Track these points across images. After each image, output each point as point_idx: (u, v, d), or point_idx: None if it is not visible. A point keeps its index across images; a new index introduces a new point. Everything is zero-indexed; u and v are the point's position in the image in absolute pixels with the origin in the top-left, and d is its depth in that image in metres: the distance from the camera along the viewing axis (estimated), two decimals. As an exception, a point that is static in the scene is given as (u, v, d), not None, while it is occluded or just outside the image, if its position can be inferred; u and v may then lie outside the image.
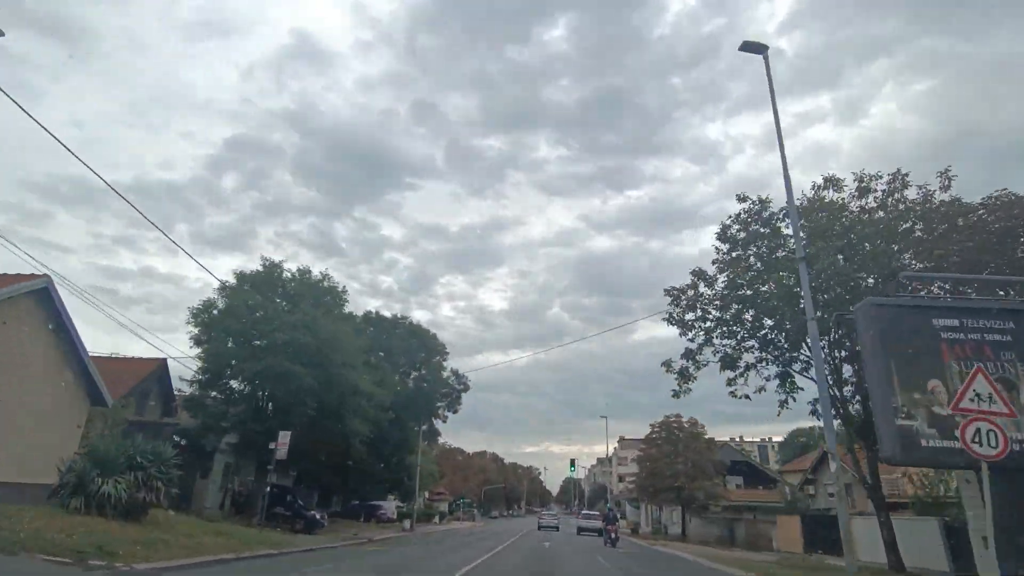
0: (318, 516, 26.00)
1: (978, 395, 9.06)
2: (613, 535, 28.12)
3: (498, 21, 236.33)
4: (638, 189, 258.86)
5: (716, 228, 20.42)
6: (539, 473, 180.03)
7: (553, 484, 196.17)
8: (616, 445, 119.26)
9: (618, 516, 36.04)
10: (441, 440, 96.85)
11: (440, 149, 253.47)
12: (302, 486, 36.47)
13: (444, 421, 44.05)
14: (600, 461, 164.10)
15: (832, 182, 18.70)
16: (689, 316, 20.96)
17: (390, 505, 48.11)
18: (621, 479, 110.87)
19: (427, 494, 73.19)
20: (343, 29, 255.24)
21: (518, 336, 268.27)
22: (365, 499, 47.77)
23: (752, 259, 19.98)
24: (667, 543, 33.51)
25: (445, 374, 42.19)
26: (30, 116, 10.18)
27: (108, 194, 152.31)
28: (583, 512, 62.89)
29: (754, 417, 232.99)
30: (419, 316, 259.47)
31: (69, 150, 10.99)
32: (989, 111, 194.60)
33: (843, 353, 18.73)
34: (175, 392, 27.78)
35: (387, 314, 39.38)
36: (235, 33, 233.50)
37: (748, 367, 20.18)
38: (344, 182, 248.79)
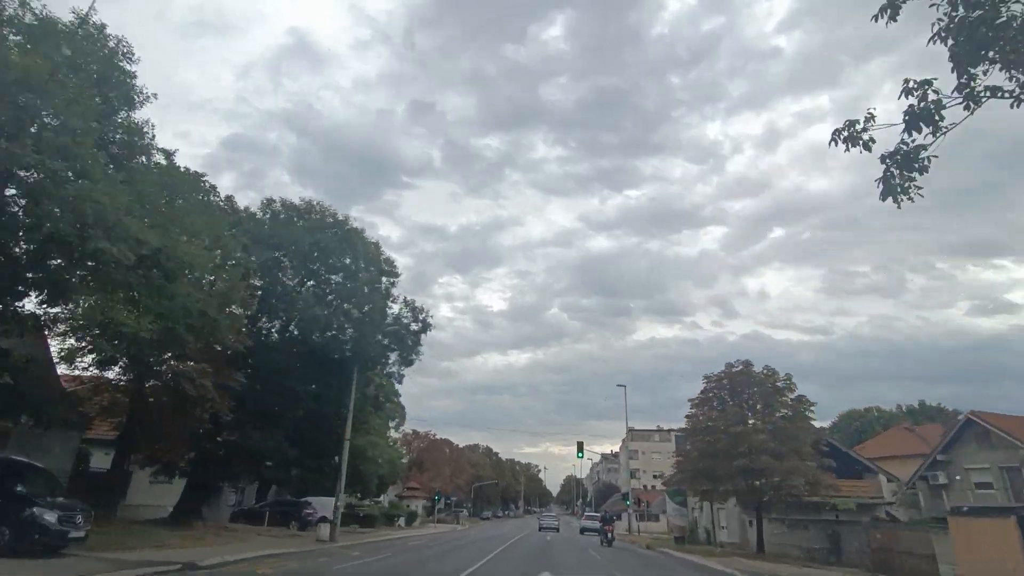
0: (54, 520, 12.09)
1: None
2: (609, 535, 30.30)
3: (495, 20, 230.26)
4: (637, 189, 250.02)
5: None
6: (538, 471, 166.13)
7: (553, 485, 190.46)
8: (626, 435, 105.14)
9: (614, 518, 38.76)
10: (427, 431, 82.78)
11: (437, 148, 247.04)
12: (150, 470, 22.69)
13: (399, 380, 30.13)
14: (605, 457, 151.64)
15: None
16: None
17: (326, 503, 34.29)
18: (634, 475, 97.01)
19: (404, 489, 59.05)
20: (340, 28, 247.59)
21: (517, 337, 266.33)
22: (305, 494, 34.12)
23: None
24: (754, 561, 19.68)
25: (395, 308, 28.22)
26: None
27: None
28: (586, 513, 70.67)
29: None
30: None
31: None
32: (990, 109, 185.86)
33: None
34: None
35: (297, 201, 25.45)
36: (231, 32, 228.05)
37: None
38: (341, 182, 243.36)
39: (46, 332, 13.89)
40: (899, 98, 7.74)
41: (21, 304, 11.56)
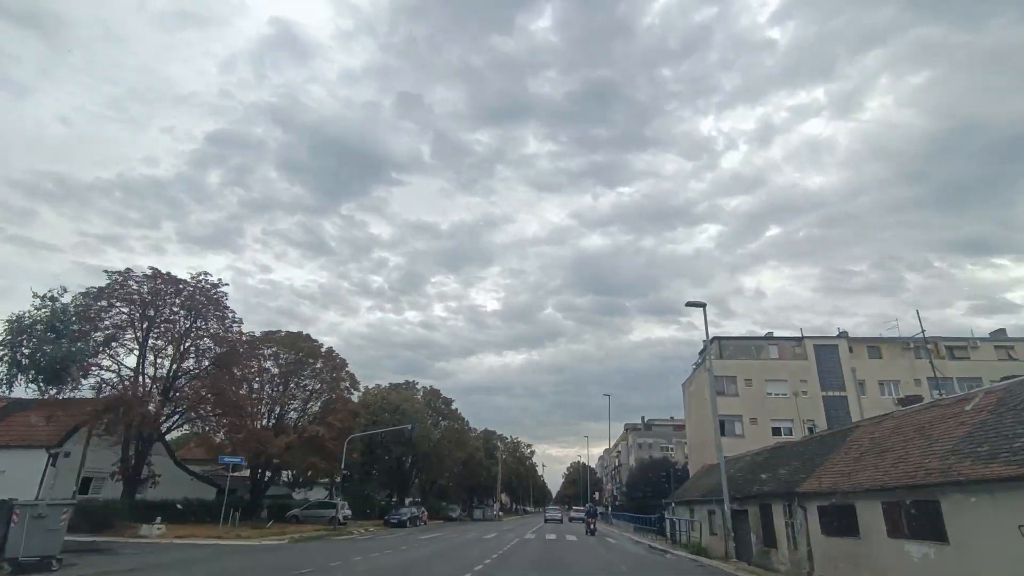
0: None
1: None
2: (592, 526, 34.53)
3: (481, 10, 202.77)
4: (630, 186, 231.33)
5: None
6: (530, 452, 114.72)
7: (553, 485, 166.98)
8: (708, 345, 54.10)
9: (598, 511, 42.85)
10: (201, 274, 30.95)
11: (427, 143, 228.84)
12: None
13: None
14: (631, 429, 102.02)
15: None
16: None
17: None
18: (727, 429, 45.62)
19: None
20: (324, 19, 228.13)
21: (511, 337, 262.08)
22: None
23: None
24: None
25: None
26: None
27: (94, 191, 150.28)
28: (574, 507, 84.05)
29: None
30: (412, 316, 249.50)
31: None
32: (988, 104, 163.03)
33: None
34: None
35: None
36: (213, 23, 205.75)
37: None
38: (329, 178, 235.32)
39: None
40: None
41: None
